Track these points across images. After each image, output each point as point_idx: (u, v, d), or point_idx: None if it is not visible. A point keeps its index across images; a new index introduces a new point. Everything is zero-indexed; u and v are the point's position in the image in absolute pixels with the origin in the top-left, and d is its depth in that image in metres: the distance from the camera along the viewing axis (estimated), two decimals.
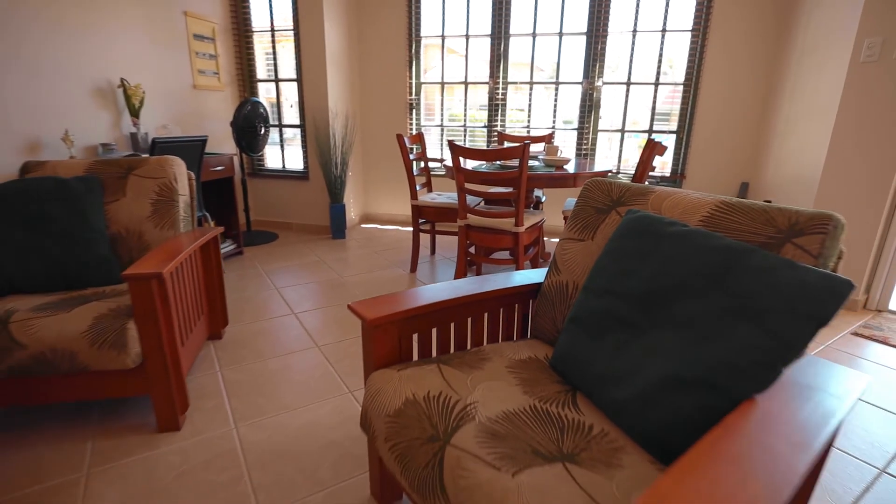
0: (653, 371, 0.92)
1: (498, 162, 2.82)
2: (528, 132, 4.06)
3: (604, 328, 1.05)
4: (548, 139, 3.55)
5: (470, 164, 3.06)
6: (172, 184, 1.92)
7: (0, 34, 2.33)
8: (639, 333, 0.99)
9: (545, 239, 4.02)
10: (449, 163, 2.62)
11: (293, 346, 2.18)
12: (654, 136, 3.83)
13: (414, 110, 4.26)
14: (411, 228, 4.37)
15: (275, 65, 4.07)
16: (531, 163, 2.85)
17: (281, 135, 4.26)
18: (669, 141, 3.81)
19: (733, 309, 0.88)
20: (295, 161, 4.30)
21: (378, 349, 1.13)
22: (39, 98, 2.56)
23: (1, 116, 2.37)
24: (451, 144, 2.44)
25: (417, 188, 3.13)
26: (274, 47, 4.03)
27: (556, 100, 3.93)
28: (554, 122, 3.98)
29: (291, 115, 4.18)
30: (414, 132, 4.33)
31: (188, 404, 1.67)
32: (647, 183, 2.81)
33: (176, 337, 1.54)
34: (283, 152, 4.32)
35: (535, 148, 3.67)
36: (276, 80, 4.10)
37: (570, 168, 2.78)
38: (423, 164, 3.55)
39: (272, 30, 3.96)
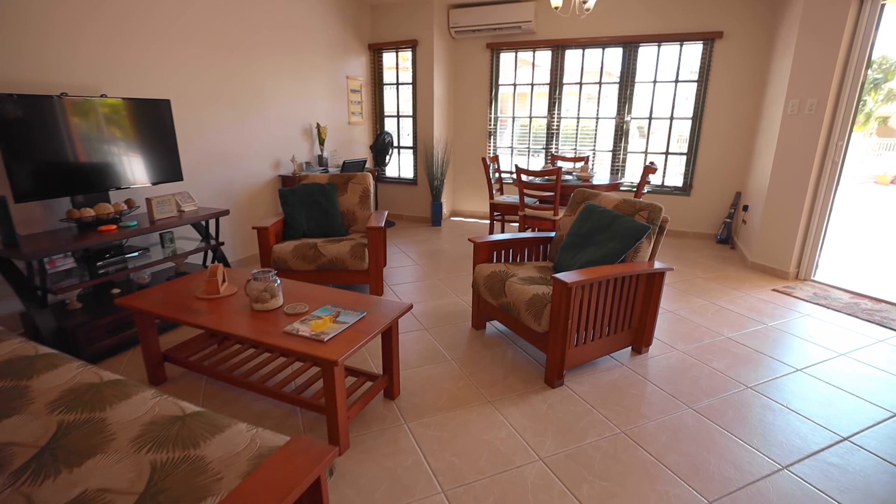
0: (582, 261, 2.49)
1: (546, 177, 4.39)
2: (575, 153, 5.56)
3: (571, 249, 2.63)
4: (585, 160, 5.05)
5: (527, 178, 4.64)
6: (369, 187, 3.72)
7: (262, 106, 4.31)
8: (581, 249, 2.57)
9: None
10: (515, 176, 4.20)
11: (421, 278, 3.91)
12: (669, 157, 5.18)
13: (492, 136, 5.92)
14: (487, 221, 6.03)
15: (397, 105, 5.91)
16: (567, 177, 4.40)
17: (399, 153, 6.10)
18: (681, 160, 5.15)
19: (612, 237, 2.44)
20: (406, 171, 6.11)
21: (480, 256, 2.78)
22: (279, 137, 4.52)
23: (264, 148, 4.35)
24: (517, 167, 4.06)
25: (494, 191, 4.77)
26: (398, 94, 5.87)
27: (596, 129, 5.41)
28: (594, 146, 5.46)
29: (406, 139, 6.01)
30: (491, 153, 5.98)
31: (383, 291, 3.45)
32: (646, 191, 4.26)
33: (381, 259, 3.30)
34: (400, 165, 6.15)
35: (579, 165, 5.17)
36: (398, 116, 5.95)
37: (595, 181, 4.29)
38: (497, 176, 5.18)
39: (397, 83, 5.81)
